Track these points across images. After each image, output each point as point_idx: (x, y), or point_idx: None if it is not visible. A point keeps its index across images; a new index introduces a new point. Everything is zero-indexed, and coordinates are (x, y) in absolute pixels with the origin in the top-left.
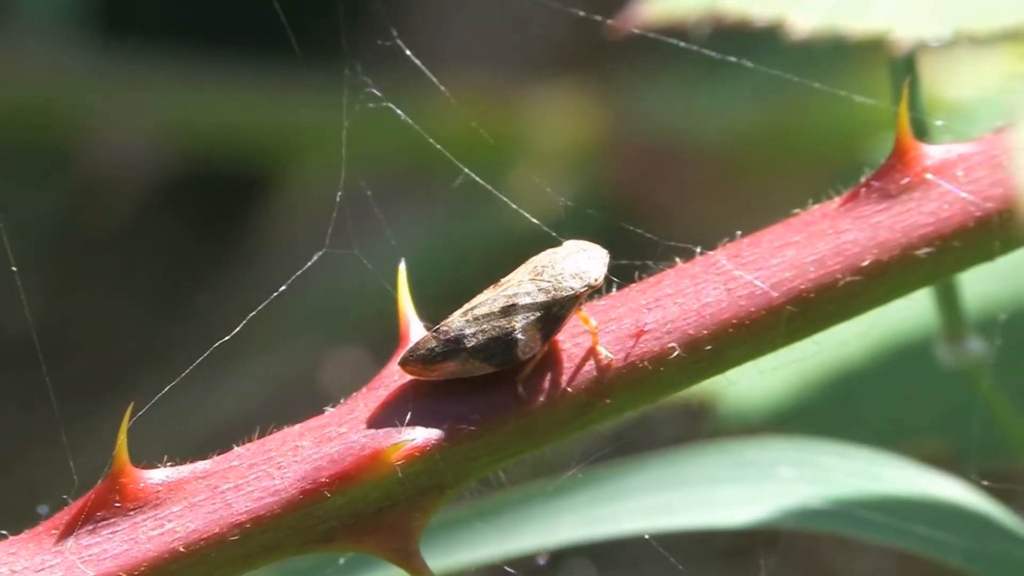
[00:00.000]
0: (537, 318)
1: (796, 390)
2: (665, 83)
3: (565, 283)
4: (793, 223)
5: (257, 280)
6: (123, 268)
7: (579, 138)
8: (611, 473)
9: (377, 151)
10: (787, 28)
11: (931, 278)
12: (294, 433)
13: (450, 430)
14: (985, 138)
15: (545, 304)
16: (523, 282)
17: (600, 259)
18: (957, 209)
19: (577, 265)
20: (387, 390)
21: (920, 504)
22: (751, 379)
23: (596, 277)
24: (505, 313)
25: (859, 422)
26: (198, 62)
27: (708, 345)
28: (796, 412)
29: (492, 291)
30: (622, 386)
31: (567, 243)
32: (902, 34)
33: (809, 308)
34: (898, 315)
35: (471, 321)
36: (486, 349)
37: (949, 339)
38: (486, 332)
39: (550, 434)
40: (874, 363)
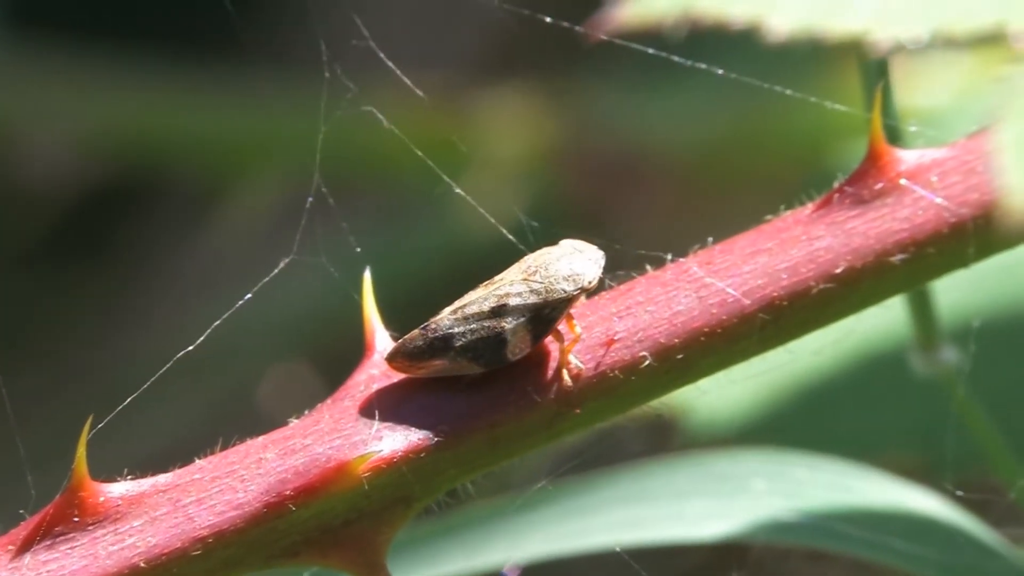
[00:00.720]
0: (527, 319)
1: (768, 401)
2: (625, 88)
3: (557, 285)
4: (765, 229)
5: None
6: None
7: (534, 145)
8: (579, 487)
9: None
10: (765, 30)
11: (905, 285)
12: (258, 445)
13: (418, 441)
14: (959, 143)
15: (536, 306)
16: (515, 282)
17: (595, 261)
18: (931, 215)
19: (571, 267)
20: (353, 401)
21: (893, 517)
22: (722, 390)
23: (590, 280)
24: (495, 313)
25: (832, 433)
26: (129, 63)
27: (680, 354)
28: (768, 424)
29: (483, 290)
30: (592, 396)
31: (562, 242)
32: (880, 35)
33: (782, 316)
34: (872, 323)
35: (460, 320)
36: (474, 349)
37: (923, 348)
38: (475, 332)
39: (519, 445)
40: (847, 373)
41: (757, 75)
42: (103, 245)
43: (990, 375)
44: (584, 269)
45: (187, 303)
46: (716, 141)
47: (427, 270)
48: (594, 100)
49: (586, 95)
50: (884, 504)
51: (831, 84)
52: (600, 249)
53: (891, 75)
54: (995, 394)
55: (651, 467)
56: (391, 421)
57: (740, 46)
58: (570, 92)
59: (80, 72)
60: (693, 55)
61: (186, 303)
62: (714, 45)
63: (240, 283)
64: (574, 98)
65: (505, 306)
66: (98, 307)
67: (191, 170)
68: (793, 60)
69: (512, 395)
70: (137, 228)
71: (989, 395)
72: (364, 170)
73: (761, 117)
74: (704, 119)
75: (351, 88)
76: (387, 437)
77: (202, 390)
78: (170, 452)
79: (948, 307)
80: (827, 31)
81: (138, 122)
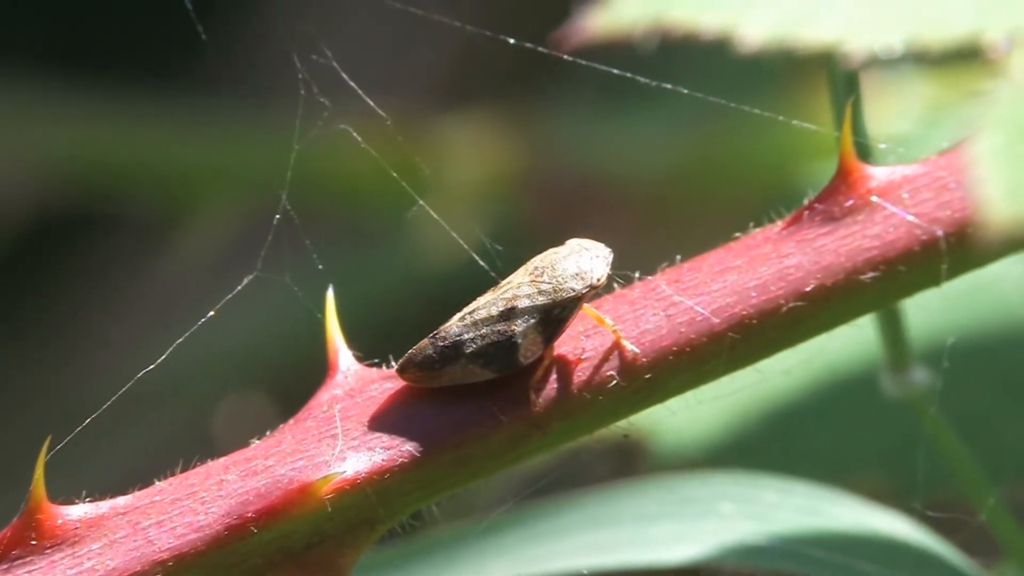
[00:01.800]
0: (538, 321)
1: (736, 423)
2: (588, 111)
3: (566, 284)
4: (734, 247)
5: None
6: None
7: (495, 169)
8: (545, 510)
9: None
10: (737, 40)
11: (877, 303)
12: (218, 466)
13: (382, 462)
14: (930, 160)
15: (545, 307)
16: (522, 284)
17: (603, 258)
18: (903, 232)
19: (579, 265)
20: (316, 421)
21: (863, 540)
22: (690, 410)
23: (598, 277)
24: (504, 317)
25: (801, 455)
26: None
27: (648, 373)
28: (736, 446)
29: (490, 294)
30: (559, 416)
31: (569, 242)
32: (853, 45)
33: (752, 335)
34: (843, 343)
35: (469, 326)
36: (486, 355)
37: (893, 369)
38: (485, 337)
39: (485, 466)
40: (817, 394)
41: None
42: (59, 271)
43: (962, 395)
44: (592, 266)
45: (144, 329)
46: (680, 164)
47: (389, 295)
48: (556, 124)
49: (548, 119)
50: (854, 527)
51: (798, 106)
52: (607, 247)
53: (861, 91)
54: (966, 414)
55: (618, 490)
56: (355, 441)
57: (707, 67)
58: (532, 116)
59: (35, 97)
60: (660, 75)
61: (143, 329)
62: (681, 65)
63: (198, 309)
64: (536, 122)
65: (514, 309)
66: (54, 333)
67: (149, 196)
68: (759, 82)
69: (478, 415)
70: (94, 254)
71: (960, 415)
72: (327, 195)
73: (726, 140)
74: (668, 142)
75: (326, 107)
76: (351, 458)
77: (157, 420)
78: (127, 481)
79: (921, 326)
80: (799, 41)
81: (94, 147)
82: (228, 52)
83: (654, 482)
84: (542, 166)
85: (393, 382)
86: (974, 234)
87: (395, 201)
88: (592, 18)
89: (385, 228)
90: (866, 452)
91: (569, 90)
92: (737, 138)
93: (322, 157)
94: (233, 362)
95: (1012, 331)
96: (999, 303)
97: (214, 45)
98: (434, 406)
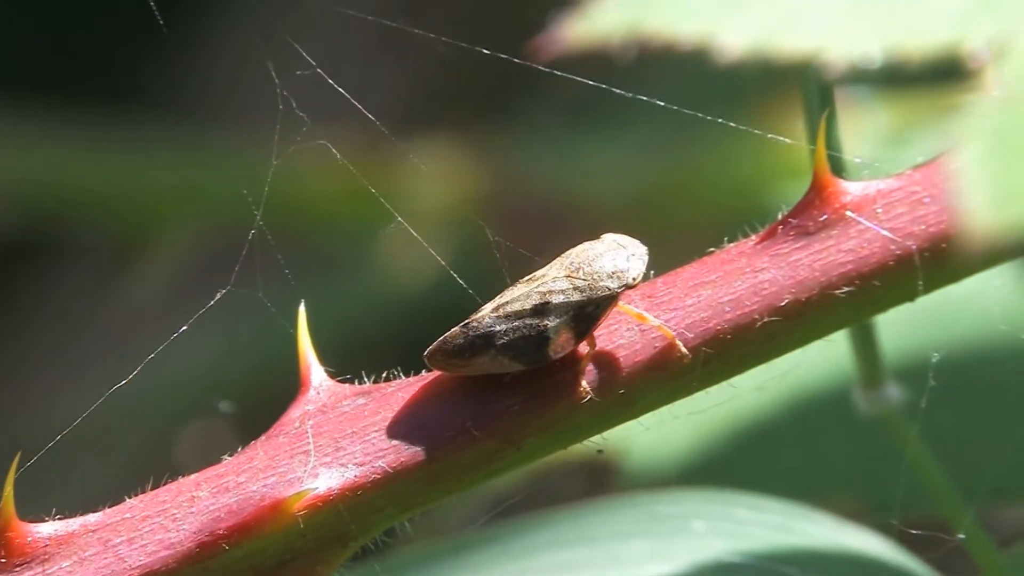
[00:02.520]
0: (570, 317)
1: (709, 440)
2: (555, 134)
3: (601, 282)
4: (708, 262)
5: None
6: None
7: (461, 194)
8: (518, 528)
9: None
10: (716, 50)
11: (851, 318)
12: (190, 483)
13: (354, 478)
14: (905, 174)
15: (580, 304)
16: (558, 279)
17: (640, 257)
18: (877, 247)
19: (615, 263)
20: (288, 437)
21: (837, 558)
22: (663, 427)
23: (634, 276)
24: (537, 312)
25: (775, 472)
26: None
27: (621, 389)
28: (709, 463)
29: (523, 286)
30: (532, 431)
31: (605, 237)
32: (834, 54)
33: (726, 350)
34: (817, 358)
35: (502, 318)
36: (516, 347)
37: (867, 385)
38: (517, 330)
39: (458, 482)
40: (791, 410)
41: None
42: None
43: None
44: (629, 265)
45: (108, 351)
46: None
47: (358, 315)
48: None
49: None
50: (828, 545)
51: (770, 126)
52: (643, 244)
53: (835, 105)
54: (942, 431)
55: (590, 508)
56: (327, 457)
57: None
58: (498, 138)
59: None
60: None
61: (107, 351)
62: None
63: (158, 335)
64: (502, 144)
65: (548, 304)
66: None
67: (109, 221)
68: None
69: (451, 431)
70: (54, 279)
71: (936, 432)
72: (296, 215)
73: (696, 161)
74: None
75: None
76: (323, 474)
77: (124, 443)
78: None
79: (897, 342)
80: (779, 50)
81: (52, 171)
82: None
83: (626, 500)
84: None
85: (365, 398)
86: (949, 248)
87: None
88: (568, 28)
89: (353, 250)
90: (840, 470)
91: (537, 110)
92: (707, 159)
93: (294, 176)
94: (196, 386)
95: (990, 347)
96: (977, 319)
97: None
98: (408, 421)
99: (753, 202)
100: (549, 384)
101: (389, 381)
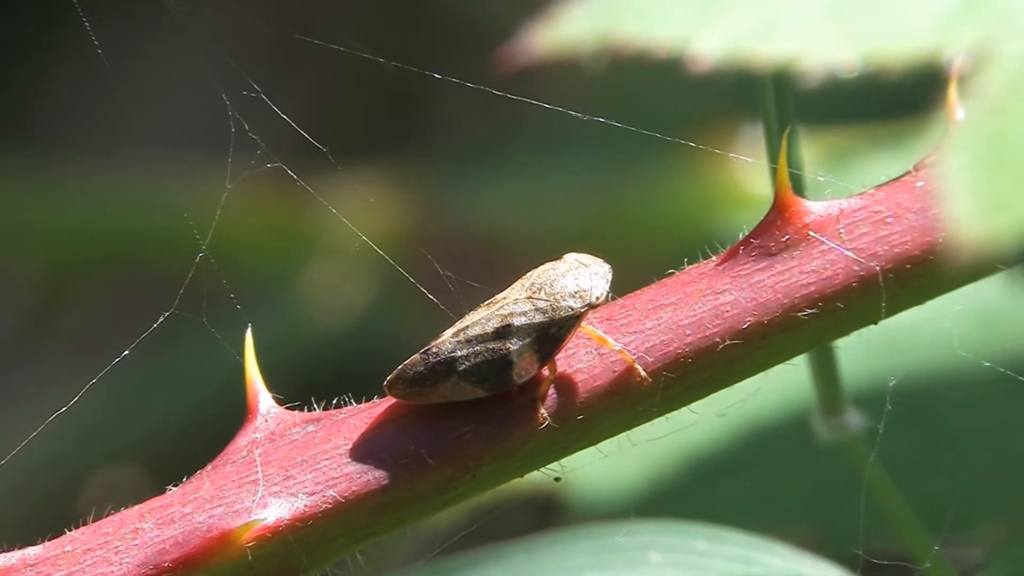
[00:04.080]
0: (533, 339)
1: (665, 468)
2: (484, 169)
3: (564, 302)
4: (668, 283)
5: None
6: None
7: (386, 229)
8: (469, 562)
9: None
10: (690, 58)
11: (814, 341)
12: (133, 515)
13: (304, 508)
14: (868, 193)
15: (542, 325)
16: (519, 301)
17: (602, 276)
18: (840, 268)
19: (577, 282)
20: (235, 466)
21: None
22: (620, 455)
23: (598, 295)
24: (499, 335)
25: (732, 502)
26: None
27: (579, 415)
28: (665, 493)
29: (484, 310)
30: (488, 458)
31: (567, 257)
32: (811, 61)
33: (687, 374)
34: (778, 382)
35: (463, 343)
36: (478, 373)
37: (826, 411)
38: (479, 355)
39: (411, 511)
40: (749, 437)
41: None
42: None
43: (898, 438)
44: (591, 284)
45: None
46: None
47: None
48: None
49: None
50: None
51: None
52: (606, 262)
53: (795, 122)
54: (903, 459)
55: (543, 541)
56: (276, 487)
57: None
58: (425, 170)
59: None
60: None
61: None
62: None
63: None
64: (428, 182)
65: (509, 326)
66: None
67: (36, 261)
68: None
69: (404, 459)
70: None
71: (897, 460)
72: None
73: (640, 189)
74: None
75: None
76: (272, 504)
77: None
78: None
79: (856, 366)
80: (755, 57)
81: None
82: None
83: (581, 532)
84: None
85: (315, 425)
86: (913, 269)
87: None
88: (537, 36)
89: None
90: (799, 498)
91: (461, 149)
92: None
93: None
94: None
95: (948, 372)
96: (938, 341)
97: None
98: (360, 449)
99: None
100: (506, 410)
101: (340, 408)
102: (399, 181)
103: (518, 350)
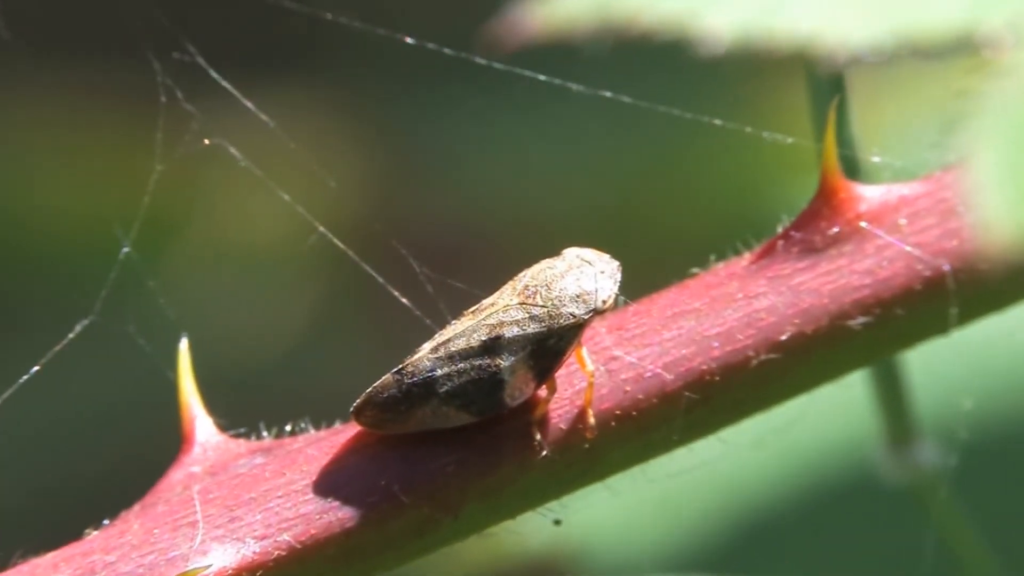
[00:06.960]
0: (528, 353)
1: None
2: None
3: (564, 308)
4: (691, 286)
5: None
6: None
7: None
8: None
9: None
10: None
11: (869, 356)
12: (47, 564)
13: (253, 556)
14: (934, 176)
15: (538, 336)
16: (510, 307)
17: (609, 275)
18: (900, 267)
19: (580, 284)
20: (168, 506)
21: None
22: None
23: (604, 299)
24: (487, 348)
25: (782, 559)
26: None
27: (584, 443)
28: (697, 548)
29: (469, 319)
30: (473, 496)
31: (566, 252)
32: (834, 40)
33: (713, 395)
34: (829, 406)
35: (444, 359)
36: (464, 394)
37: (894, 444)
38: (464, 373)
39: (381, 560)
40: (796, 474)
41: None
42: None
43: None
44: (596, 285)
45: None
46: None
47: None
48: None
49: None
50: None
51: (764, 113)
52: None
53: (847, 92)
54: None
55: None
56: (219, 530)
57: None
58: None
59: None
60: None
61: None
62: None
63: None
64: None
65: (500, 338)
66: None
67: None
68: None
69: (374, 495)
70: None
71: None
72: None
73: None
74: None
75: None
76: (215, 550)
77: None
78: None
79: (926, 387)
80: (772, 36)
81: None
82: None
83: None
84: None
85: (265, 456)
86: (988, 270)
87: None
88: (532, 14)
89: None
90: (861, 553)
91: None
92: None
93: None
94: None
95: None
96: (1019, 358)
97: None
98: (320, 484)
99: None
100: (494, 437)
101: (295, 435)
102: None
103: (510, 367)
